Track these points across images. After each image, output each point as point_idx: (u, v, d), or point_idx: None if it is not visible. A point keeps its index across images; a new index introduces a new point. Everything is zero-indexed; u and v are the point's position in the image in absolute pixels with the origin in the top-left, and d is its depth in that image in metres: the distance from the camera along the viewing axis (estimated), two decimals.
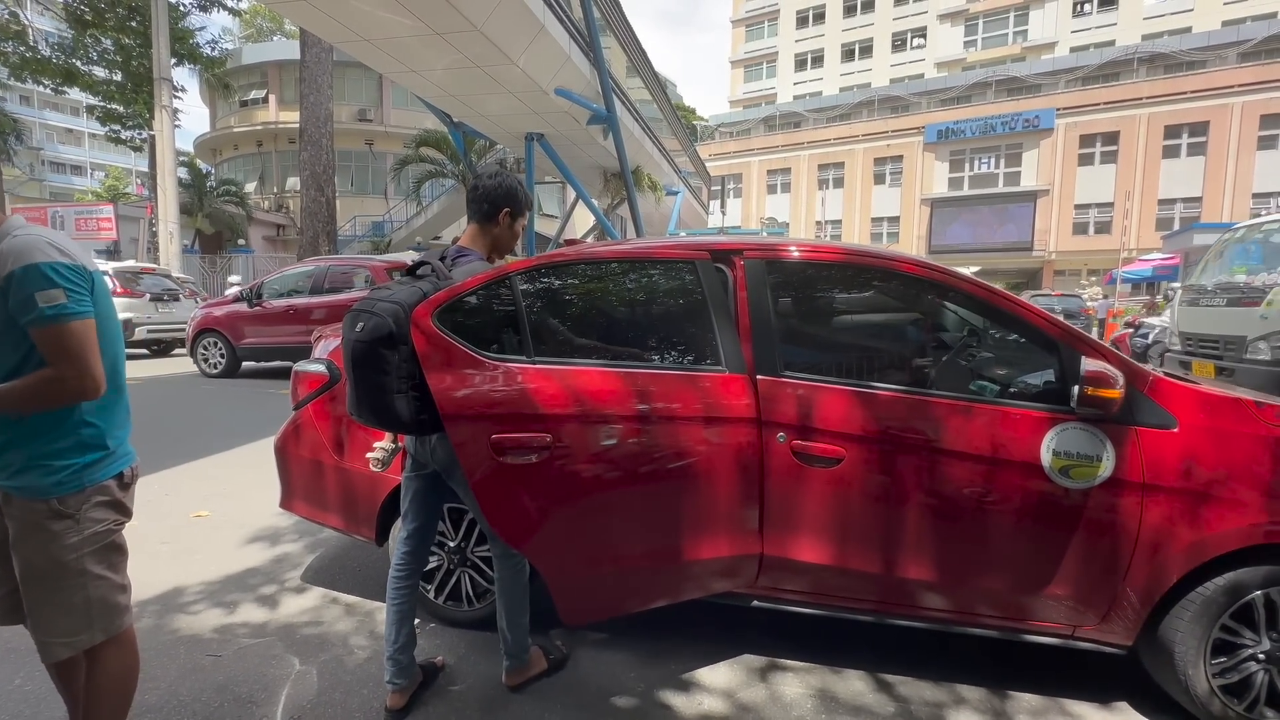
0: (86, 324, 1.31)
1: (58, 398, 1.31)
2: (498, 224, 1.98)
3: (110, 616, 1.44)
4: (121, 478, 1.46)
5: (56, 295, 1.25)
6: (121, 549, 1.49)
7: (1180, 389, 1.90)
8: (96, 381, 1.32)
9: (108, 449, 1.42)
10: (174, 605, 2.59)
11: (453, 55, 11.10)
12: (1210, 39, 30.59)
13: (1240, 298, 6.11)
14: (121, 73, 20.02)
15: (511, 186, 1.96)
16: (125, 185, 42.20)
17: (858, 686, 2.10)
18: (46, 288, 1.25)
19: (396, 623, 1.92)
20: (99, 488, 1.41)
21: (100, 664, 1.47)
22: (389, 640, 1.92)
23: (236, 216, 24.43)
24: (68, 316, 1.27)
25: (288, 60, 26.22)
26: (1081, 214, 29.86)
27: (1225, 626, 1.82)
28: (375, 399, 1.72)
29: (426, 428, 1.78)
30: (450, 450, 1.82)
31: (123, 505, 1.48)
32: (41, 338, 1.27)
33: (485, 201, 1.94)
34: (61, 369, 1.28)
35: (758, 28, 46.13)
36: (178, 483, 4.19)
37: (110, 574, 1.44)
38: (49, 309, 1.25)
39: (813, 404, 1.97)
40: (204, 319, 8.99)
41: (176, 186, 16.59)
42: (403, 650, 1.92)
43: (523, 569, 1.98)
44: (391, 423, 1.76)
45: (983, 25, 38.18)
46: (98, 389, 1.33)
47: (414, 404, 1.74)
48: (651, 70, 19.39)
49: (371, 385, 1.71)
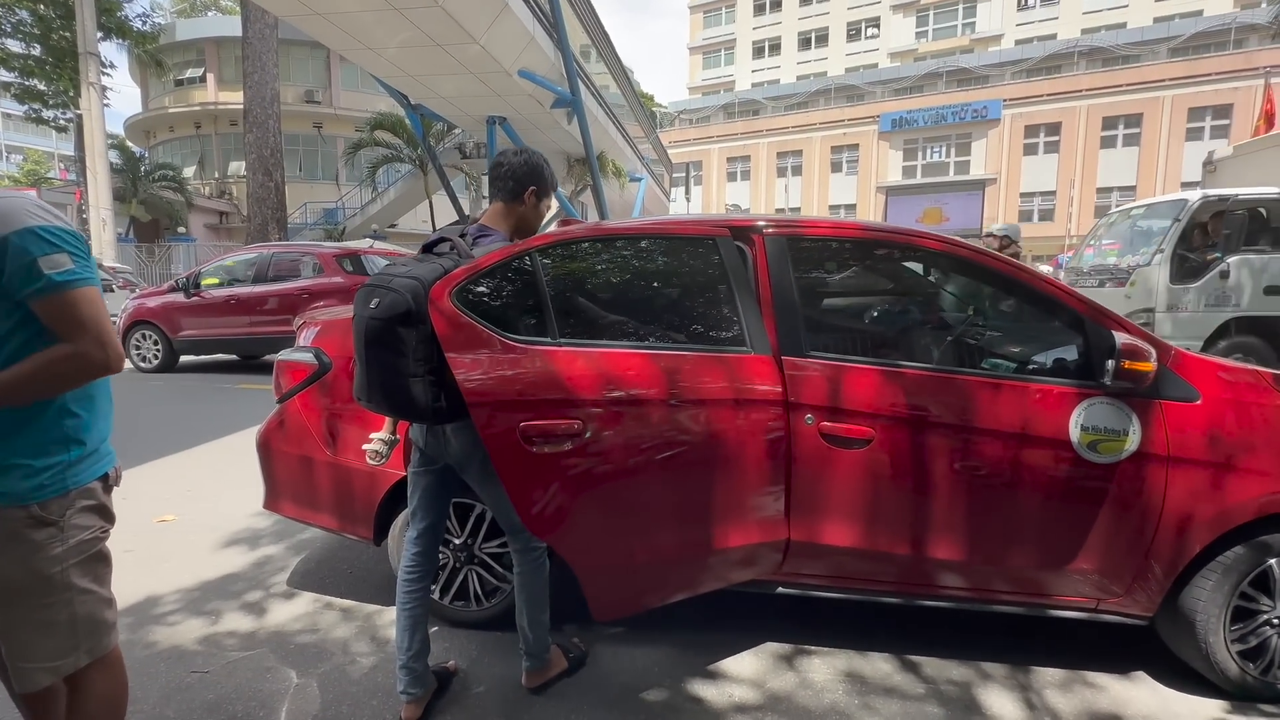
0: (96, 290, 1.17)
1: (78, 376, 1.16)
2: (523, 203, 1.84)
3: (97, 635, 1.28)
4: (106, 479, 1.31)
5: (63, 260, 1.10)
6: (107, 560, 1.33)
7: (1202, 362, 1.93)
8: (119, 352, 1.19)
9: (92, 446, 1.26)
10: (149, 617, 2.38)
11: (410, 31, 10.63)
12: (1143, 34, 32.14)
13: (1110, 279, 6.64)
14: (41, 46, 18.51)
15: (538, 164, 1.83)
16: (47, 170, 39.22)
17: (884, 668, 2.09)
18: (50, 252, 1.09)
19: (409, 629, 1.79)
20: (84, 490, 1.24)
21: (85, 690, 1.31)
22: (401, 648, 1.79)
23: (175, 203, 23.01)
24: (79, 282, 1.12)
25: (227, 37, 24.77)
26: (1027, 202, 31.03)
27: (1243, 594, 1.86)
28: (390, 382, 1.57)
29: (443, 416, 1.64)
30: (467, 441, 1.69)
31: (108, 510, 1.32)
32: (50, 308, 1.11)
33: (511, 179, 1.81)
34: (81, 342, 1.13)
35: (715, 14, 46.02)
36: (133, 485, 3.88)
37: (97, 587, 1.28)
38: (58, 275, 1.10)
39: (839, 384, 1.92)
40: (137, 310, 8.37)
41: (108, 170, 15.49)
42: (417, 658, 1.79)
43: (543, 564, 1.88)
44: (406, 409, 1.62)
45: (934, 16, 39.11)
46: (121, 359, 1.19)
47: (431, 390, 1.59)
48: (614, 54, 19.09)
49: (386, 367, 1.56)
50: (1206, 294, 6.32)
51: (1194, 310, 6.28)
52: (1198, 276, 6.35)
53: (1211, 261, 6.34)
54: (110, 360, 1.17)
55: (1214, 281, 6.30)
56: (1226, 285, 6.29)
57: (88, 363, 1.14)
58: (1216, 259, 6.32)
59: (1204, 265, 6.37)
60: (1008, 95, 31.23)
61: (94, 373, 1.18)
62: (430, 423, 1.69)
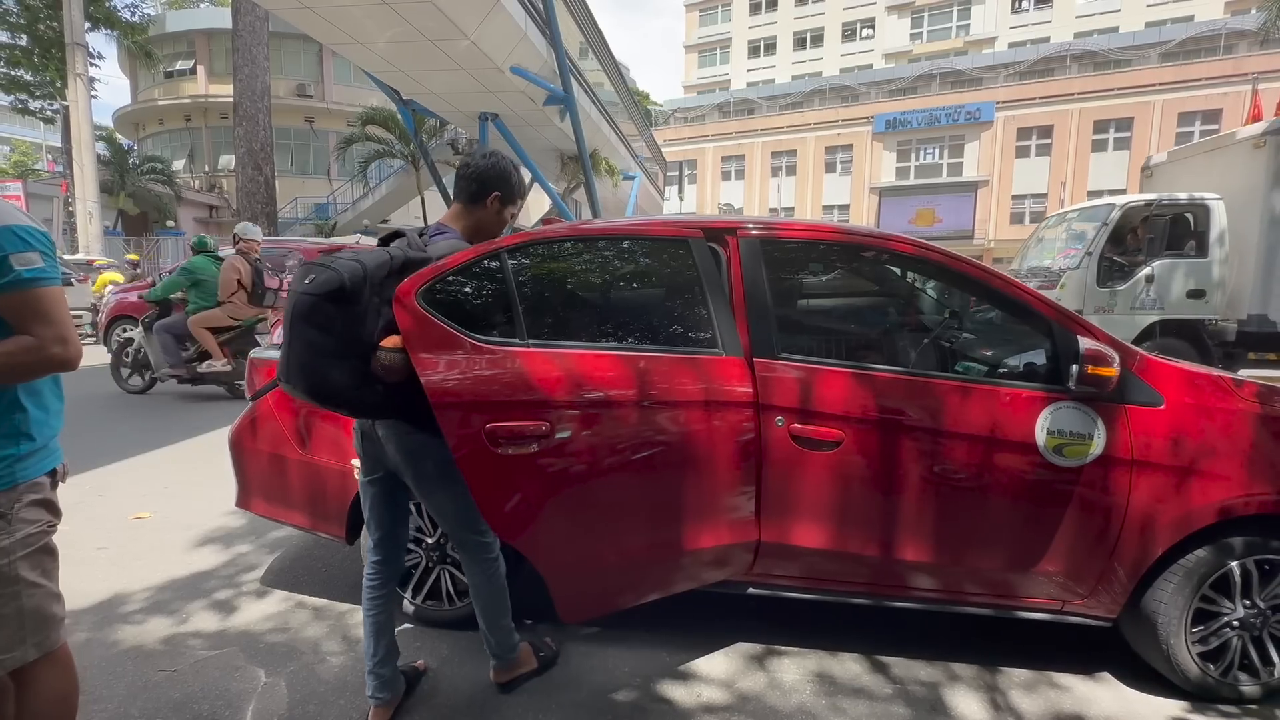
0: (60, 291, 1.24)
1: (38, 368, 1.21)
2: (484, 207, 1.80)
3: (45, 629, 1.28)
4: (54, 474, 1.32)
5: (33, 258, 1.18)
6: (54, 554, 1.33)
7: (1166, 367, 1.95)
8: (78, 348, 1.24)
9: (41, 441, 1.27)
10: (115, 616, 2.36)
11: (401, 26, 10.56)
12: (1135, 39, 32.36)
13: (1045, 281, 6.80)
14: (27, 36, 18.27)
15: (505, 170, 1.80)
16: (34, 161, 38.75)
17: (854, 669, 2.10)
18: (22, 250, 1.17)
19: (374, 634, 1.78)
20: (32, 484, 1.25)
21: (34, 687, 1.30)
22: (369, 654, 1.78)
23: (164, 196, 22.78)
24: (46, 280, 1.19)
25: (218, 29, 24.50)
26: (1018, 204, 31.18)
27: (1205, 596, 1.88)
28: (309, 362, 1.47)
29: (366, 408, 1.59)
30: (400, 447, 1.65)
31: (54, 505, 1.33)
32: (15, 303, 1.17)
33: (475, 181, 1.78)
34: (42, 335, 1.18)
35: (711, 13, 45.97)
36: (110, 482, 3.86)
37: (45, 581, 1.29)
38: (27, 272, 1.17)
39: (810, 386, 1.93)
40: (119, 305, 8.31)
41: (95, 162, 15.31)
42: (383, 664, 1.79)
43: (498, 571, 1.85)
44: (324, 392, 1.51)
45: (928, 18, 39.20)
46: (79, 356, 1.25)
47: (355, 375, 1.52)
48: (608, 51, 19.03)
49: (308, 345, 1.47)
50: (1132, 297, 6.49)
51: (1120, 313, 6.43)
52: (1124, 279, 6.49)
53: (1138, 265, 6.50)
54: (70, 356, 1.22)
55: (1139, 285, 6.47)
56: (1151, 289, 6.46)
57: (49, 356, 1.19)
58: (1143, 262, 6.47)
59: (1130, 268, 6.53)
60: (1000, 98, 31.36)
61: (53, 367, 1.22)
62: (350, 412, 1.64)
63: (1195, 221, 6.54)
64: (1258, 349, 6.55)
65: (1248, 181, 6.49)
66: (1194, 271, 6.42)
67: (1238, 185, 6.57)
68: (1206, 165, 7.22)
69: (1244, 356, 6.58)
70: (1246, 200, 6.43)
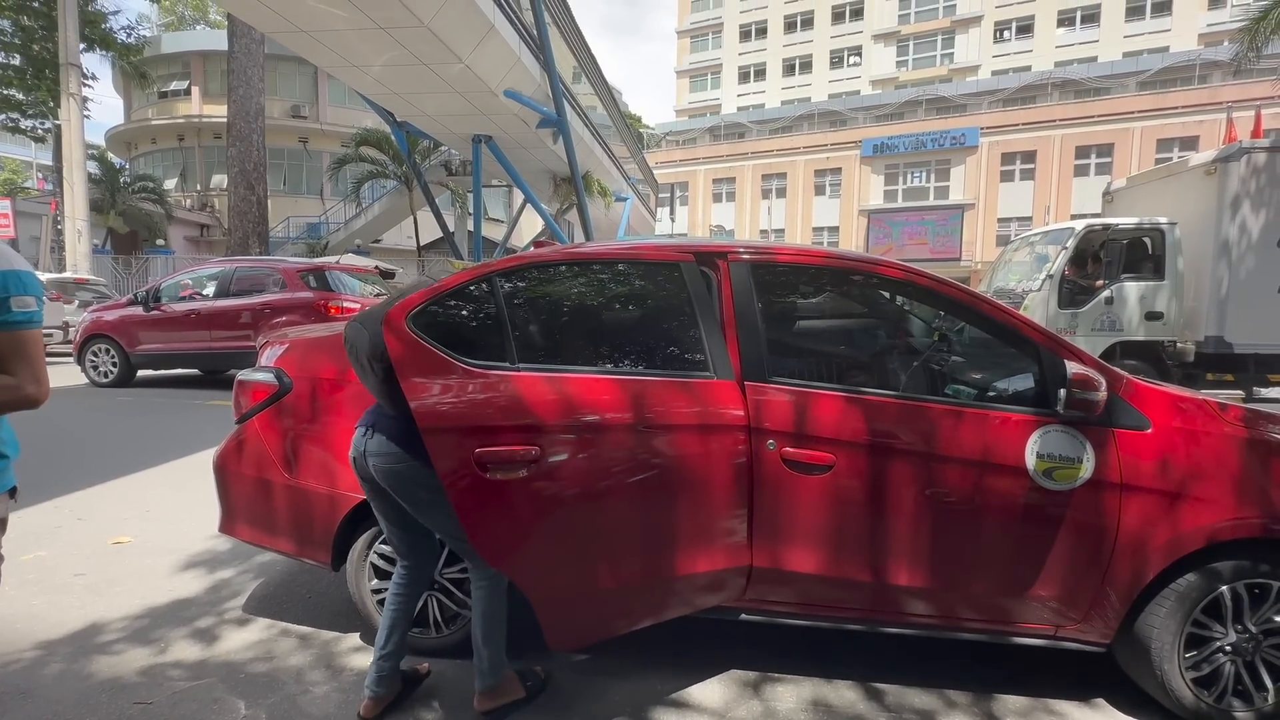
0: (40, 333, 1.31)
1: (10, 404, 1.28)
2: None
3: None
4: (13, 493, 1.37)
5: (30, 302, 1.26)
6: None
7: (1153, 391, 1.97)
8: (48, 389, 1.31)
9: (12, 456, 1.34)
10: (92, 646, 2.29)
11: (396, 50, 10.70)
12: (1113, 68, 33.31)
13: (1009, 303, 6.98)
14: (21, 56, 18.33)
15: None
16: (24, 179, 38.59)
17: (849, 695, 2.07)
18: (22, 293, 1.25)
19: (389, 627, 1.86)
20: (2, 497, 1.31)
21: None
22: (378, 644, 1.85)
23: (154, 215, 22.71)
24: (35, 324, 1.28)
25: (213, 50, 24.72)
26: (1004, 226, 31.68)
27: (1196, 621, 1.88)
28: None
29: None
30: (391, 469, 1.68)
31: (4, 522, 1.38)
32: (5, 340, 1.25)
33: None
34: (21, 375, 1.26)
35: (702, 39, 46.93)
36: (91, 505, 3.78)
37: None
38: (22, 314, 1.24)
39: (802, 410, 1.93)
40: (93, 324, 8.20)
41: (86, 181, 15.27)
42: (389, 657, 1.84)
43: (502, 583, 1.86)
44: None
45: (913, 47, 40.23)
46: (47, 396, 1.32)
47: None
48: (600, 76, 19.34)
49: None
50: (1092, 319, 6.59)
51: (1081, 334, 6.54)
52: (1085, 302, 6.60)
53: (1098, 288, 6.62)
54: (41, 396, 1.30)
55: (1099, 307, 6.58)
56: (1111, 311, 6.57)
57: (24, 395, 1.26)
58: (1103, 285, 6.59)
59: (1090, 291, 6.64)
60: (985, 123, 32.06)
61: (24, 404, 1.28)
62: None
63: (1152, 245, 6.68)
64: (1216, 370, 6.67)
65: (1201, 207, 6.66)
66: (1152, 294, 6.54)
67: (1191, 210, 6.74)
68: (1162, 191, 7.42)
69: (1203, 378, 6.68)
70: (1200, 225, 6.60)
